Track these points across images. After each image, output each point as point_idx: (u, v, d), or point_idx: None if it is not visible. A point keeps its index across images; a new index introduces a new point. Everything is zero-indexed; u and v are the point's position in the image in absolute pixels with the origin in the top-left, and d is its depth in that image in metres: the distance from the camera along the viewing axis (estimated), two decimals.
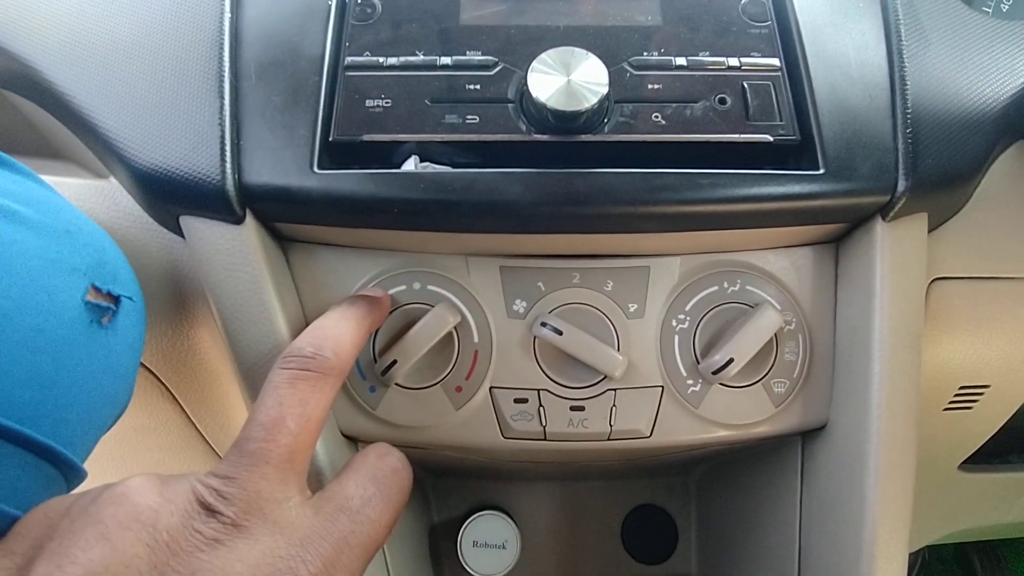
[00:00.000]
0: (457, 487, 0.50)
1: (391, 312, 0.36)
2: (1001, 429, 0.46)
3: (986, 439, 0.47)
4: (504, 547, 0.47)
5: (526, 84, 0.32)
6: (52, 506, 0.23)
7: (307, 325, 0.35)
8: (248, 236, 0.33)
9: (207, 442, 0.45)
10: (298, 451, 0.25)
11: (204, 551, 0.21)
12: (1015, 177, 0.38)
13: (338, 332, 0.29)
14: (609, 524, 0.51)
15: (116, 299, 0.28)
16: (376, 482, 0.26)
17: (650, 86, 0.35)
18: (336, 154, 0.34)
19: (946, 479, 0.52)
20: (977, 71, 0.35)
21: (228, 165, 0.32)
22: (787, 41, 0.36)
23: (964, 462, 0.50)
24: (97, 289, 0.27)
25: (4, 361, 0.23)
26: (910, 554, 0.35)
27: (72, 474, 0.27)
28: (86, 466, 0.28)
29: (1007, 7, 0.44)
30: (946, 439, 0.46)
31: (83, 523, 0.21)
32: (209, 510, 0.22)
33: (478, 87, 0.34)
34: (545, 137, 0.34)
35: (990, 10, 0.44)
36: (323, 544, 0.23)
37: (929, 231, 0.36)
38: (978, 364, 0.39)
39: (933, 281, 0.37)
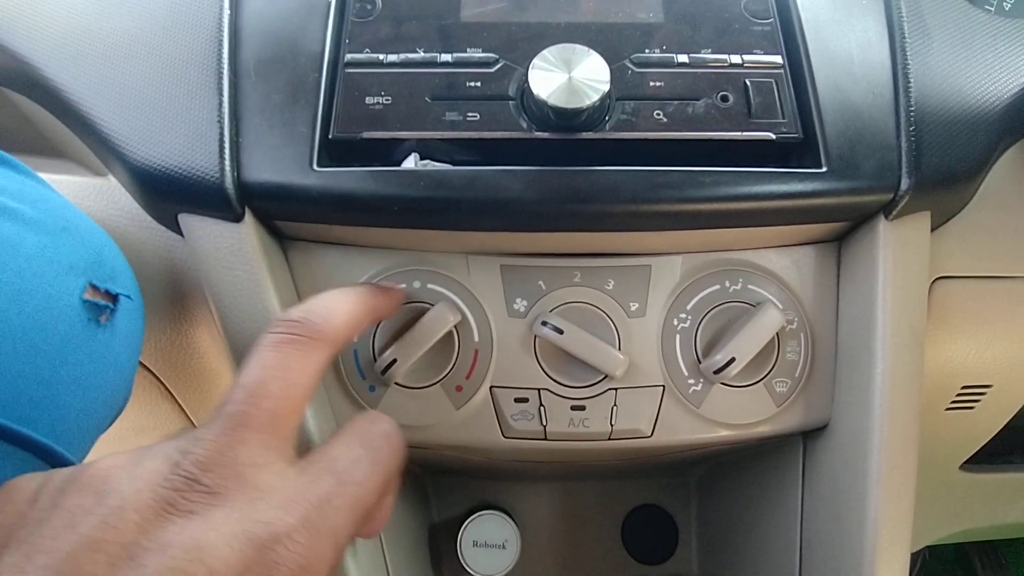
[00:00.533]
0: (457, 486, 0.50)
1: None
2: (1003, 429, 0.46)
3: (988, 439, 0.47)
4: (504, 547, 0.47)
5: (527, 81, 0.32)
6: (18, 490, 0.22)
7: None
8: (247, 234, 0.33)
9: None
10: (281, 417, 0.24)
11: (176, 523, 0.20)
12: (1018, 176, 0.38)
13: (332, 303, 0.28)
14: (610, 524, 0.51)
15: (114, 297, 0.28)
16: (365, 445, 0.25)
17: (652, 83, 0.34)
18: (336, 152, 0.34)
19: (947, 479, 0.52)
20: (980, 69, 0.35)
21: (227, 163, 0.32)
22: (790, 38, 0.36)
23: (965, 462, 0.50)
24: (95, 287, 0.27)
25: (1, 360, 0.23)
26: (911, 555, 0.35)
27: None
28: None
29: (1010, 5, 0.44)
30: (948, 439, 0.46)
31: (49, 512, 0.20)
32: (185, 478, 0.21)
33: (479, 84, 0.34)
34: (546, 135, 0.33)
35: (993, 8, 0.44)
36: (305, 505, 0.22)
37: (932, 230, 0.35)
38: (981, 364, 0.39)
39: (936, 280, 0.37)
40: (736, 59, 0.35)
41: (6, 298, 0.24)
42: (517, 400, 0.36)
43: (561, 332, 0.35)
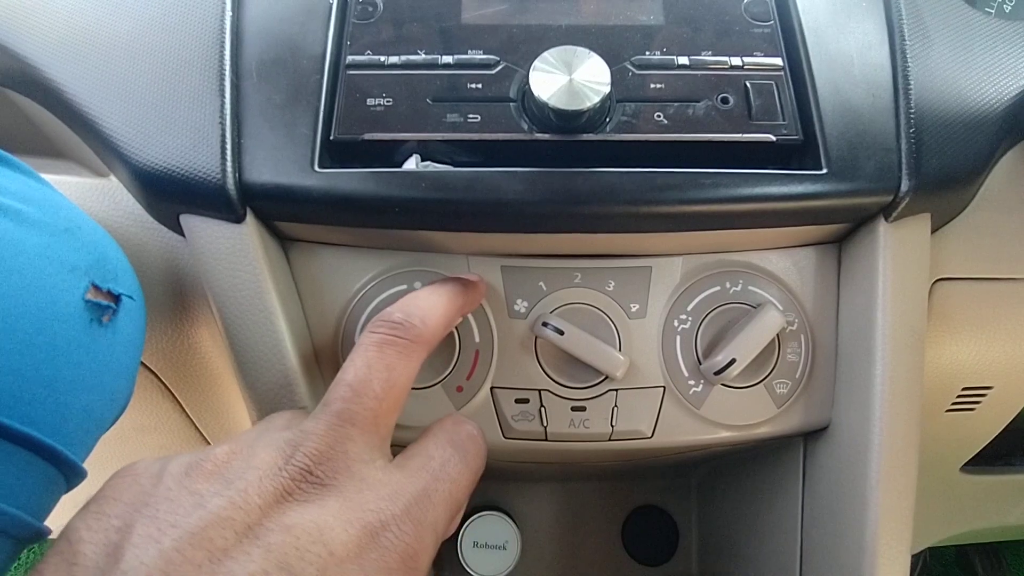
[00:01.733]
0: None
1: None
2: (1003, 431, 0.46)
3: (988, 441, 0.47)
4: (504, 548, 0.47)
5: (528, 83, 0.32)
6: (140, 473, 0.24)
7: (308, 325, 0.36)
8: (249, 235, 0.33)
9: (207, 442, 0.44)
10: (383, 415, 0.26)
11: (296, 510, 0.22)
12: (1018, 178, 0.38)
13: (428, 304, 0.30)
14: (610, 525, 0.51)
15: (116, 298, 0.28)
16: (454, 445, 0.27)
17: (652, 85, 0.35)
18: (337, 153, 0.34)
19: (948, 481, 0.52)
20: (980, 71, 0.35)
21: (229, 164, 0.32)
22: (790, 41, 0.36)
23: (966, 464, 0.50)
24: (97, 288, 0.27)
25: (4, 360, 0.23)
26: (911, 556, 0.35)
27: (72, 473, 0.27)
28: (86, 465, 0.28)
29: (1010, 8, 0.44)
30: (948, 441, 0.46)
31: (178, 492, 0.22)
32: (299, 469, 0.23)
33: (480, 86, 0.34)
34: (547, 136, 0.33)
35: (993, 11, 0.44)
36: (407, 498, 0.23)
37: (932, 232, 0.36)
38: (981, 365, 0.39)
39: (936, 282, 0.37)
40: (736, 61, 0.35)
41: (8, 298, 0.24)
42: (518, 401, 0.36)
43: (562, 333, 0.35)
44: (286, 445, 0.24)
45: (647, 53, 0.35)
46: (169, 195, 0.33)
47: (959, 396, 0.41)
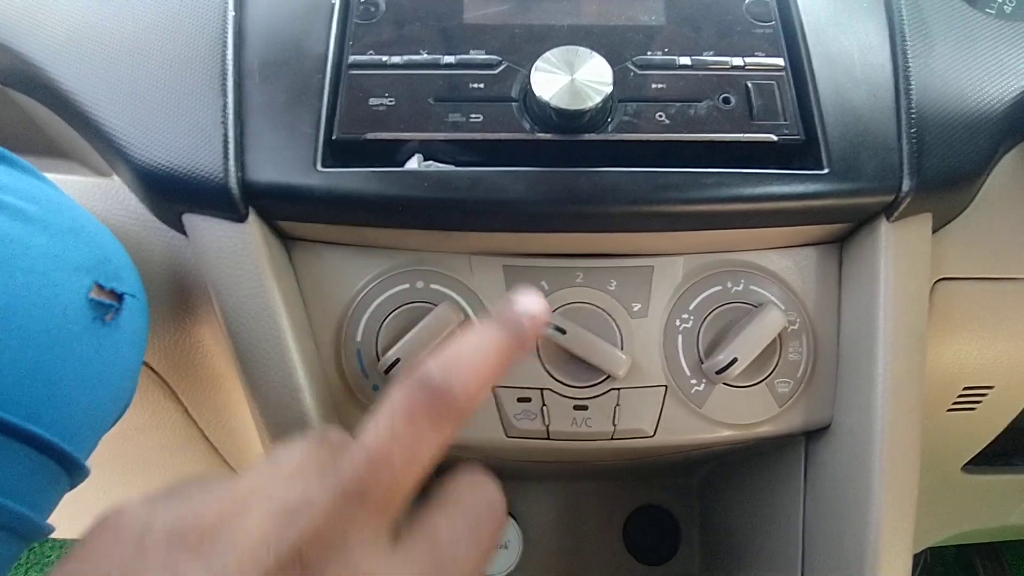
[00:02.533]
0: None
1: (394, 311, 0.35)
2: (1005, 431, 0.46)
3: (990, 441, 0.47)
4: (506, 547, 0.47)
5: (530, 83, 0.32)
6: (123, 528, 0.22)
7: (310, 324, 0.36)
8: (251, 234, 0.33)
9: (208, 441, 0.44)
10: (397, 492, 0.23)
11: None
12: (1019, 177, 0.38)
13: (476, 366, 0.25)
14: (612, 524, 0.51)
15: (119, 297, 0.28)
16: (467, 516, 0.24)
17: (654, 85, 0.35)
18: (339, 152, 0.34)
19: (949, 480, 0.52)
20: (981, 72, 0.35)
21: (231, 163, 0.32)
22: (791, 41, 0.36)
23: (967, 463, 0.50)
24: (100, 287, 0.27)
25: (8, 358, 0.23)
26: (912, 556, 0.35)
27: (75, 471, 0.27)
28: (88, 463, 0.28)
29: (1010, 8, 0.44)
30: (949, 440, 0.46)
31: (158, 571, 0.20)
32: (291, 547, 0.21)
33: (482, 86, 0.34)
34: (549, 136, 0.34)
35: (994, 11, 0.44)
36: None
37: (933, 231, 0.36)
38: (982, 365, 0.39)
39: (937, 281, 0.37)
40: (738, 61, 0.35)
41: (13, 297, 0.24)
42: (520, 400, 0.36)
43: (564, 332, 0.35)
44: (283, 513, 0.21)
45: (649, 53, 0.35)
46: (172, 194, 0.33)
47: (960, 396, 0.41)
